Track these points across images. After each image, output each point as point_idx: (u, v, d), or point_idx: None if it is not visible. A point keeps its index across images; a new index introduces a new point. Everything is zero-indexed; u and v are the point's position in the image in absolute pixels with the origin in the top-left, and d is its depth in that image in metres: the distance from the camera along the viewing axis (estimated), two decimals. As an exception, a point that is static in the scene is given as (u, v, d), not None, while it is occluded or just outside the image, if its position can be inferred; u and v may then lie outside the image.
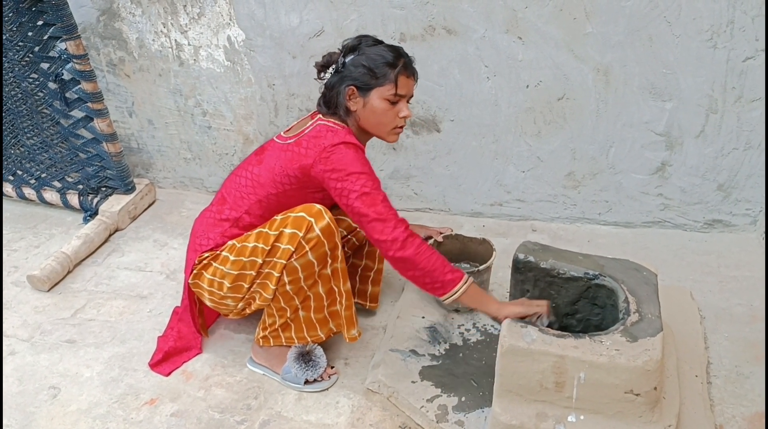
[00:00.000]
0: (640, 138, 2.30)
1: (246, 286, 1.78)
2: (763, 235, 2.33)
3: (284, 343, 1.90)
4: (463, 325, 2.04)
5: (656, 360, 1.41)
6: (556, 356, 1.45)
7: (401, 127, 1.79)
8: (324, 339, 1.90)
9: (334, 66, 1.76)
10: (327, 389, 1.90)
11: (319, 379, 1.90)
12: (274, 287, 1.74)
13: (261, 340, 1.91)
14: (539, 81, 2.27)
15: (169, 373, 2.00)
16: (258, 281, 1.76)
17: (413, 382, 1.84)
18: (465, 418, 1.72)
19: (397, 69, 1.69)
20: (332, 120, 1.77)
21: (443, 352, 1.94)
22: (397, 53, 1.72)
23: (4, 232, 2.85)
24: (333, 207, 1.87)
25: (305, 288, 1.77)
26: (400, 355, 1.92)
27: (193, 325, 2.05)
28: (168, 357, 2.03)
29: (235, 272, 1.76)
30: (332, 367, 1.95)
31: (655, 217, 2.47)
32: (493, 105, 2.36)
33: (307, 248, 1.69)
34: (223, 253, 1.79)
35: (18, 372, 2.05)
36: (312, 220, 1.68)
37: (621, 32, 2.11)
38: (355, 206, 1.65)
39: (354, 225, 2.04)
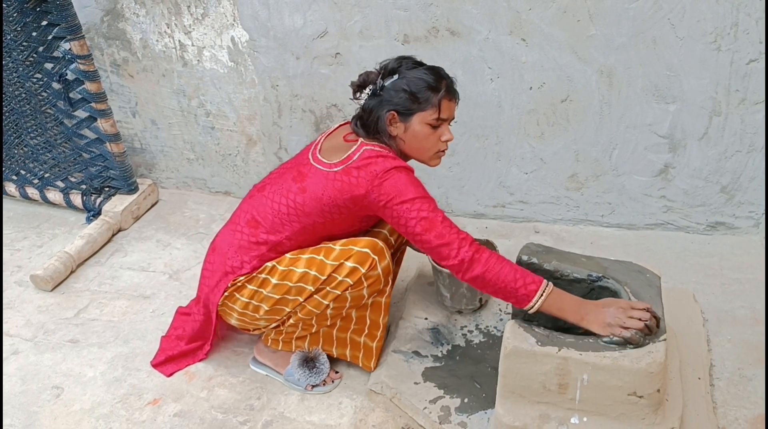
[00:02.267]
0: (643, 140, 2.30)
1: (287, 309, 1.75)
2: (766, 238, 2.33)
3: (293, 350, 1.91)
4: (466, 326, 2.04)
5: (659, 362, 1.41)
6: (560, 358, 1.45)
7: (444, 151, 1.73)
8: (334, 356, 1.92)
9: (371, 87, 1.70)
10: (330, 392, 1.90)
11: (322, 384, 1.90)
12: (317, 312, 1.73)
13: (271, 341, 1.91)
14: (542, 83, 2.27)
15: (171, 374, 2.00)
16: (302, 304, 1.73)
17: (416, 383, 1.84)
18: (468, 419, 1.72)
19: (440, 94, 1.64)
20: (376, 144, 1.69)
21: (446, 354, 1.94)
22: (439, 76, 1.66)
23: (7, 231, 2.85)
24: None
25: (343, 314, 1.79)
26: (403, 357, 1.92)
27: (211, 339, 2.01)
28: (172, 359, 2.04)
29: (278, 296, 1.72)
30: (336, 372, 1.95)
31: (658, 220, 2.47)
32: (496, 106, 2.36)
33: (366, 284, 1.69)
34: (263, 276, 1.74)
35: (21, 371, 2.06)
36: (376, 258, 1.68)
37: (625, 34, 2.11)
38: (416, 233, 1.59)
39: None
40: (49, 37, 2.50)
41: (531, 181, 2.51)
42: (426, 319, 2.07)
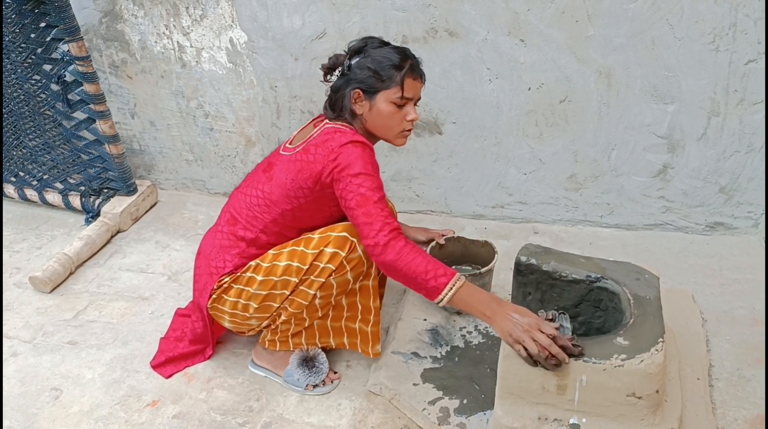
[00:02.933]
0: (641, 140, 2.30)
1: (276, 305, 1.76)
2: (765, 238, 2.33)
3: (291, 349, 1.90)
4: (465, 327, 2.04)
5: (658, 363, 1.40)
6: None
7: (409, 131, 1.75)
8: (333, 347, 1.91)
9: (340, 68, 1.72)
10: (329, 393, 1.90)
11: (321, 384, 1.90)
12: (306, 303, 1.73)
13: (268, 342, 1.90)
14: (541, 83, 2.27)
15: (170, 376, 2.00)
16: (289, 297, 1.73)
17: (415, 384, 1.84)
18: (467, 420, 1.72)
19: (403, 71, 1.65)
20: (339, 123, 1.73)
21: (445, 355, 1.94)
22: (404, 55, 1.68)
23: (6, 233, 2.85)
24: None
25: (332, 302, 1.78)
26: (402, 358, 1.92)
27: (211, 343, 2.02)
28: (172, 360, 2.03)
29: (264, 292, 1.73)
30: (335, 372, 1.94)
31: (656, 220, 2.47)
32: (495, 107, 2.36)
33: (348, 268, 1.69)
34: (248, 274, 1.74)
35: (20, 373, 2.06)
36: (354, 240, 1.68)
37: (623, 35, 2.11)
38: (349, 208, 1.60)
39: None
40: (48, 39, 2.50)
41: (530, 181, 2.51)
42: (425, 320, 2.07)
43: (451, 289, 1.51)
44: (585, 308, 1.74)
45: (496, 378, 1.55)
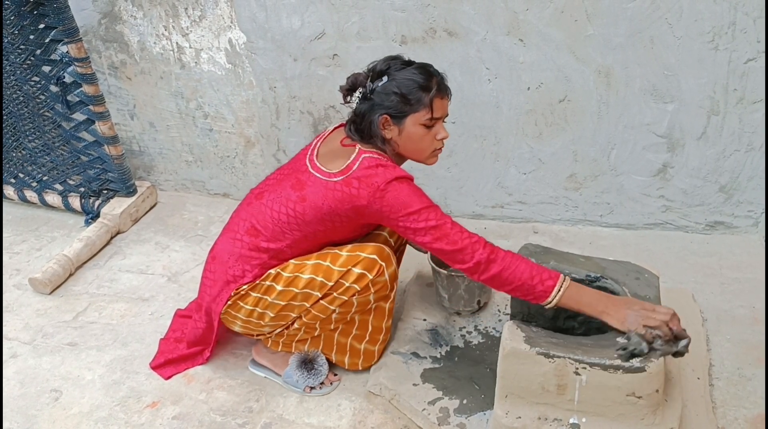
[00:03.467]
0: (641, 140, 2.30)
1: (293, 315, 1.75)
2: (765, 237, 2.33)
3: (293, 351, 1.90)
4: (464, 327, 2.04)
5: (658, 362, 1.40)
6: (558, 359, 1.44)
7: (440, 149, 1.71)
8: (333, 361, 1.92)
9: (361, 90, 1.67)
10: (328, 393, 1.90)
11: (320, 387, 1.89)
12: (323, 317, 1.73)
13: (271, 342, 1.90)
14: (540, 83, 2.27)
15: (169, 377, 2.00)
16: (307, 309, 1.73)
17: (415, 384, 1.84)
18: (467, 420, 1.72)
19: (431, 93, 1.60)
20: (374, 151, 1.67)
21: (445, 355, 1.94)
22: (428, 74, 1.63)
23: (6, 234, 2.85)
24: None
25: (347, 319, 1.79)
26: (402, 358, 1.92)
27: (212, 346, 2.01)
28: (171, 362, 2.03)
29: (283, 303, 1.72)
30: (335, 374, 1.94)
31: (656, 219, 2.47)
32: (494, 107, 2.36)
33: (372, 290, 1.70)
34: (267, 283, 1.73)
35: (20, 375, 2.06)
36: (383, 264, 1.69)
37: (622, 34, 2.10)
38: (426, 243, 1.58)
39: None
40: (47, 40, 2.50)
41: (529, 181, 2.51)
42: (425, 320, 2.06)
43: (560, 290, 1.52)
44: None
45: (496, 378, 1.55)
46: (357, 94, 1.69)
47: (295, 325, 1.79)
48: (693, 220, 2.43)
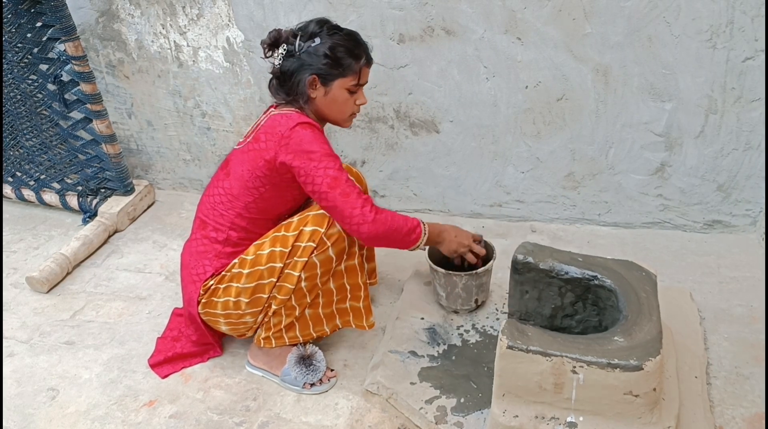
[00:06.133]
0: (639, 139, 2.30)
1: (266, 295, 1.76)
2: (763, 236, 2.33)
3: (287, 343, 1.90)
4: (462, 326, 2.03)
5: (656, 361, 1.40)
6: (555, 357, 1.44)
7: (356, 114, 1.82)
8: (328, 333, 1.91)
9: (285, 47, 1.71)
10: (326, 391, 1.89)
11: (318, 383, 1.89)
12: (292, 287, 1.74)
13: (263, 341, 1.89)
14: (538, 82, 2.27)
15: (166, 376, 1.99)
16: (277, 284, 1.74)
17: (412, 383, 1.83)
18: (464, 419, 1.72)
19: (361, 62, 1.71)
20: (285, 108, 1.75)
21: (442, 353, 1.94)
22: (359, 43, 1.72)
23: (3, 233, 2.85)
24: None
25: (319, 285, 1.78)
26: (399, 357, 1.92)
27: (214, 345, 2.02)
28: (169, 360, 2.03)
29: (252, 284, 1.74)
30: (332, 370, 1.94)
31: (654, 218, 2.47)
32: (492, 106, 2.36)
33: (329, 244, 1.71)
34: (234, 271, 1.76)
35: (17, 373, 2.05)
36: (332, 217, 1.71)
37: (620, 33, 2.10)
38: (321, 191, 1.65)
39: None
40: (44, 39, 2.50)
41: (527, 180, 2.51)
42: (422, 318, 2.06)
43: (425, 233, 1.77)
44: (582, 306, 1.74)
45: (494, 377, 1.55)
46: (280, 50, 1.72)
47: (274, 307, 1.79)
48: (691, 219, 2.43)
